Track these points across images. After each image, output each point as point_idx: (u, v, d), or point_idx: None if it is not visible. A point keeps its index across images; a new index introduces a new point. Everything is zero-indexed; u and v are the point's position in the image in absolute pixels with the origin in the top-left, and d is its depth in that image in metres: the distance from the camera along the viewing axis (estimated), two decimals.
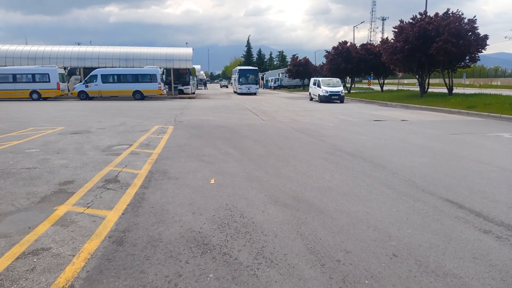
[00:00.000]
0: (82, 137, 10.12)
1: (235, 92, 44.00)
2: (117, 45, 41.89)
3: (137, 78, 28.85)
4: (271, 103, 25.46)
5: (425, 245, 3.56)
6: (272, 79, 64.32)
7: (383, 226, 4.04)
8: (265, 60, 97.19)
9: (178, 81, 35.47)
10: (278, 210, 4.54)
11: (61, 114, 16.86)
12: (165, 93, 30.77)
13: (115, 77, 29.01)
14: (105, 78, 28.57)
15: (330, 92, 25.61)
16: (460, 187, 5.49)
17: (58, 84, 27.95)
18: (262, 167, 6.71)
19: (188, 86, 36.27)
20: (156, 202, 4.82)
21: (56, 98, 28.71)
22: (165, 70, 32.38)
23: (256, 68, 44.44)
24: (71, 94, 29.97)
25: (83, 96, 28.48)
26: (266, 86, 66.59)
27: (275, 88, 61.48)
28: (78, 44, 40.04)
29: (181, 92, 35.53)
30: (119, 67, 31.83)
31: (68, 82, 31.57)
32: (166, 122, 13.69)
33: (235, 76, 44.22)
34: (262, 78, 71.93)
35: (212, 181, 5.73)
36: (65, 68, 31.96)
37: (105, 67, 30.90)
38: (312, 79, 29.28)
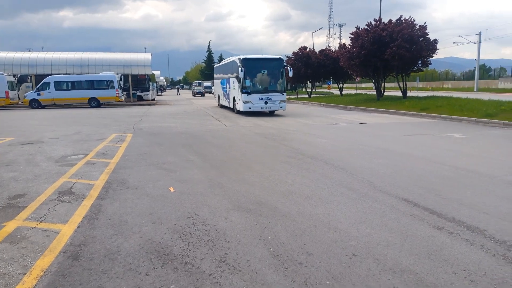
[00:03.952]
0: (34, 147, 9.59)
1: (223, 106, 24.92)
2: (72, 50, 39.78)
3: (92, 84, 27.84)
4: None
5: (383, 244, 3.68)
6: None
7: (343, 227, 4.13)
8: None
9: (137, 87, 34.61)
10: (241, 216, 4.52)
11: (10, 124, 15.92)
12: (123, 100, 29.92)
13: (69, 84, 27.81)
14: (59, 86, 27.33)
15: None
16: (415, 186, 5.73)
17: (7, 92, 26.40)
18: (225, 173, 6.66)
19: (148, 93, 35.49)
20: (114, 213, 4.64)
21: (5, 107, 27.07)
22: (122, 76, 31.51)
23: (281, 58, 19.60)
24: (22, 102, 28.40)
25: (35, 104, 27.06)
26: None
27: None
28: (29, 50, 38.06)
29: (141, 98, 34.69)
30: (74, 73, 30.59)
31: (19, 90, 29.91)
32: (124, 130, 13.28)
33: (226, 76, 22.52)
34: None
35: (172, 189, 5.61)
36: (14, 76, 30.22)
37: (59, 74, 29.56)
38: None
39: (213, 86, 66.58)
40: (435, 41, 22.44)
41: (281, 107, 18.94)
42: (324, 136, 11.49)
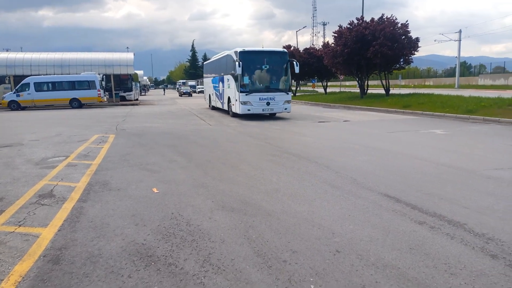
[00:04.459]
0: (13, 150, 9.35)
1: (214, 108, 22.56)
2: (52, 51, 38.87)
3: (74, 85, 27.34)
4: (218, 108, 25.31)
5: (365, 239, 3.72)
6: None
7: (327, 224, 4.16)
8: None
9: (119, 87, 34.11)
10: (226, 215, 4.50)
11: None
12: (105, 100, 29.47)
13: (50, 85, 27.24)
14: (39, 86, 26.75)
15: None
16: (397, 182, 5.81)
17: None
18: (209, 173, 6.63)
19: (131, 93, 35.03)
20: (95, 215, 4.56)
21: None
22: (104, 76, 31.04)
23: (285, 51, 17.04)
24: (1, 104, 27.69)
25: (14, 106, 26.43)
26: None
27: None
28: (7, 50, 37.08)
29: (123, 98, 34.21)
30: (54, 74, 29.96)
31: None
32: (106, 131, 13.07)
33: (219, 74, 19.96)
34: None
35: (155, 190, 5.55)
36: None
37: (39, 75, 28.91)
38: None
39: (198, 85, 65.68)
40: (417, 39, 22.80)
41: (285, 108, 16.24)
42: (309, 134, 11.55)
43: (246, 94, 15.65)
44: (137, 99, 37.85)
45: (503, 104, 15.33)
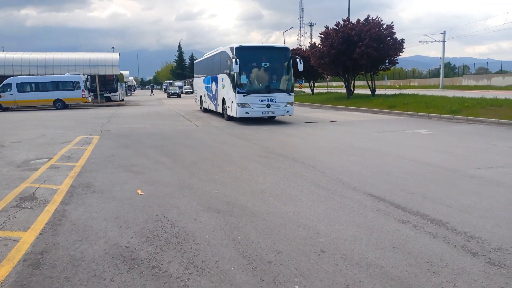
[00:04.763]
0: None
1: (206, 111, 20.97)
2: (36, 51, 38.13)
3: (57, 86, 26.88)
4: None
5: (350, 239, 3.74)
6: None
7: (312, 224, 4.17)
8: None
9: (104, 88, 33.70)
10: (211, 216, 4.47)
11: None
12: (90, 101, 29.10)
13: (33, 85, 26.73)
14: (21, 87, 26.21)
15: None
16: (382, 182, 5.87)
17: None
18: (195, 174, 6.58)
19: (116, 93, 34.62)
20: (78, 218, 4.48)
21: None
22: (89, 76, 30.62)
23: (287, 46, 15.81)
24: None
25: None
26: None
27: None
28: None
29: (109, 99, 33.78)
30: (37, 74, 29.43)
31: None
32: (91, 132, 12.89)
33: (212, 73, 18.27)
34: None
35: (140, 192, 5.48)
36: None
37: (21, 75, 28.36)
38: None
39: (184, 85, 65.10)
40: (402, 40, 23.10)
41: (287, 111, 14.77)
42: (296, 135, 11.59)
43: (243, 95, 14.10)
44: (122, 100, 37.43)
45: (486, 104, 15.64)
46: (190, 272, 3.16)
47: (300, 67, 14.49)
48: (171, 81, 74.88)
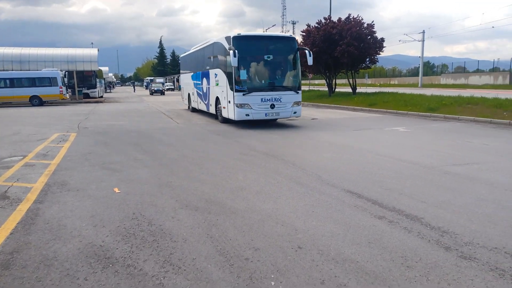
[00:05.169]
0: None
1: (196, 110, 18.82)
2: (10, 45, 36.93)
3: (34, 82, 26.16)
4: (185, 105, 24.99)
5: (327, 235, 3.77)
6: None
7: (290, 220, 4.18)
8: (179, 62, 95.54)
9: (83, 84, 33.01)
10: (189, 214, 4.43)
11: None
12: (68, 97, 28.44)
13: (8, 81, 25.91)
14: None
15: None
16: (360, 178, 5.94)
17: None
18: (174, 172, 6.51)
19: (95, 90, 33.99)
20: (52, 217, 4.37)
21: None
22: (67, 72, 29.91)
23: (293, 36, 13.79)
24: None
25: None
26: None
27: None
28: None
29: (87, 96, 33.11)
30: (13, 70, 28.56)
31: None
32: (68, 129, 12.59)
33: (203, 68, 16.12)
34: (178, 80, 70.42)
35: (116, 190, 5.38)
36: None
37: None
38: None
39: (166, 82, 64.11)
40: (382, 39, 23.45)
41: (294, 112, 12.68)
42: (276, 133, 11.61)
43: (243, 94, 11.90)
44: (101, 97, 36.76)
45: (463, 103, 16.04)
46: (166, 270, 3.13)
47: (310, 60, 12.73)
48: (152, 78, 73.89)
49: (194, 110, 19.21)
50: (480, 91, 25.47)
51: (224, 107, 13.27)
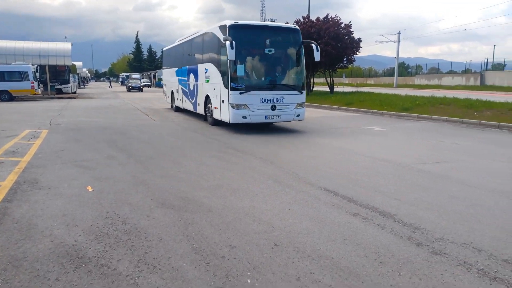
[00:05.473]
0: None
1: (180, 110, 17.27)
2: None
3: (3, 76, 25.12)
4: (164, 102, 24.62)
5: (303, 232, 3.81)
6: None
7: (267, 218, 4.20)
8: (156, 57, 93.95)
9: (55, 79, 32.00)
10: (165, 213, 4.38)
11: None
12: (39, 93, 27.53)
13: None
14: None
15: None
16: (337, 176, 6.03)
17: None
18: (150, 170, 6.41)
19: (68, 85, 33.00)
20: (21, 216, 4.22)
21: None
22: (39, 67, 28.89)
23: (297, 28, 11.64)
24: None
25: None
26: (158, 85, 64.43)
27: None
28: None
29: (60, 91, 32.09)
30: None
31: None
32: (39, 126, 12.17)
33: (191, 62, 14.68)
34: (154, 77, 69.44)
35: (89, 188, 5.25)
36: None
37: None
38: None
39: (142, 78, 62.84)
40: (359, 39, 23.85)
41: (297, 115, 11.19)
42: (253, 131, 11.60)
43: (240, 93, 10.35)
44: (75, 92, 35.74)
45: (436, 103, 16.52)
46: (140, 269, 3.08)
47: (317, 56, 11.30)
48: (127, 74, 72.44)
49: (178, 109, 17.62)
50: (452, 92, 26.34)
51: (215, 108, 11.71)
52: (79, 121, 13.72)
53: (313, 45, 11.28)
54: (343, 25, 23.56)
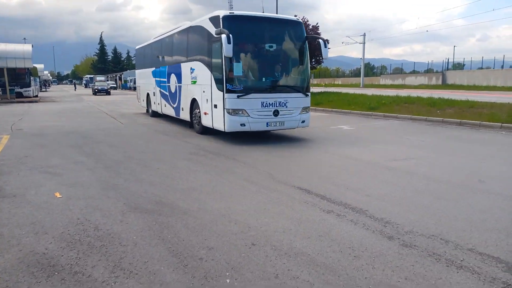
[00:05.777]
0: None
1: (158, 115, 15.62)
2: None
3: None
4: (131, 105, 24.09)
5: (279, 231, 3.86)
6: (131, 79, 60.57)
7: (243, 218, 4.22)
8: (122, 59, 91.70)
9: (15, 82, 30.51)
10: (139, 217, 4.30)
11: None
12: None
13: None
14: None
15: None
16: (310, 175, 6.14)
17: None
18: (120, 174, 6.27)
19: (29, 88, 31.58)
20: None
21: None
22: None
23: (299, 21, 10.06)
24: None
25: None
26: (125, 87, 62.89)
27: (135, 89, 58.15)
28: None
29: (20, 95, 30.63)
30: None
31: None
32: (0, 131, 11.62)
33: (172, 60, 13.08)
34: (120, 78, 67.82)
35: (58, 195, 5.07)
36: None
37: None
38: None
39: (108, 80, 61.16)
40: (327, 41, 24.29)
41: (302, 121, 9.77)
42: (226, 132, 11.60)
43: (238, 96, 8.83)
44: (36, 96, 34.28)
45: (400, 102, 17.12)
46: (116, 275, 3.01)
47: (325, 52, 10.27)
48: (91, 76, 70.27)
49: (155, 114, 15.82)
50: (416, 91, 27.33)
51: (205, 113, 10.07)
52: (43, 126, 13.17)
53: (320, 40, 10.02)
54: (310, 26, 23.97)
